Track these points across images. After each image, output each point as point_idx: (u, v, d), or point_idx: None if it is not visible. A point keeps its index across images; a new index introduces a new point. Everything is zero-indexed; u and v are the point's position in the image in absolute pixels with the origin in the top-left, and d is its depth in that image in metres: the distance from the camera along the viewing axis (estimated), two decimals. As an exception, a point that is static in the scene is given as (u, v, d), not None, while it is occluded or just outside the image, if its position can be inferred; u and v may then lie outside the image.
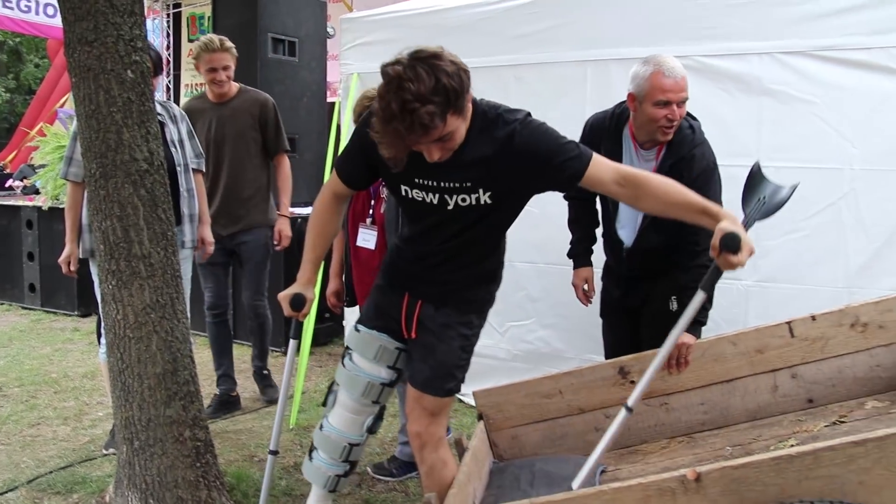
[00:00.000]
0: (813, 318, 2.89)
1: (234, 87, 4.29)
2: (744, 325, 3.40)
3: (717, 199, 2.94)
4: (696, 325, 2.89)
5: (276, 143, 4.32)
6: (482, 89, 3.87)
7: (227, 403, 4.37)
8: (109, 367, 2.91)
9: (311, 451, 2.69)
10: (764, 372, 2.90)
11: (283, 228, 4.32)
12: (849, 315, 2.87)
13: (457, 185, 2.26)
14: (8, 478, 3.45)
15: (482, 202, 2.27)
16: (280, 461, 3.61)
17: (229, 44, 4.18)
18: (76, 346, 5.52)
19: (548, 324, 4.03)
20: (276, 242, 4.34)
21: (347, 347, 2.62)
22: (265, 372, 4.57)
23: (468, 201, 2.28)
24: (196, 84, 11.10)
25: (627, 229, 3.14)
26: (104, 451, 3.65)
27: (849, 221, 3.55)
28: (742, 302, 3.73)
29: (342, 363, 2.61)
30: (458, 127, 2.13)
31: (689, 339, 2.84)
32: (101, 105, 2.69)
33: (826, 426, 2.70)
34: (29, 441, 3.89)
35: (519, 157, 2.20)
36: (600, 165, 2.23)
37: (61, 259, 3.62)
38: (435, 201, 2.31)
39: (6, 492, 3.30)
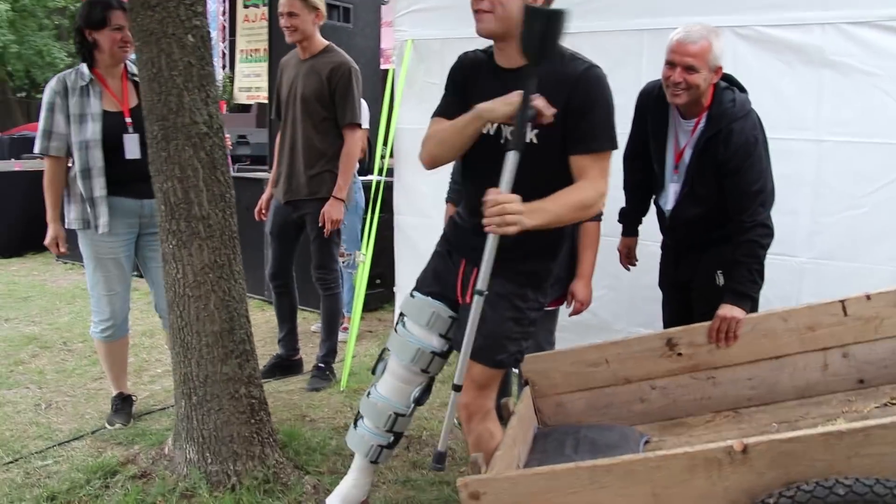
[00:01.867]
0: (868, 297, 2.84)
1: (320, 44, 4.10)
2: (797, 302, 3.36)
3: (758, 177, 2.90)
4: (745, 299, 2.88)
5: (342, 114, 4.06)
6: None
7: (284, 367, 4.39)
8: (170, 323, 3.01)
9: (356, 420, 2.74)
10: (814, 350, 2.87)
11: (329, 211, 4.03)
12: None
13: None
14: (74, 427, 3.62)
15: (528, 139, 2.27)
16: (330, 421, 3.72)
17: None
18: (135, 305, 5.60)
19: (596, 295, 4.02)
20: (320, 224, 4.08)
21: (402, 314, 2.65)
22: (321, 365, 4.34)
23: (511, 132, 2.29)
24: (251, 50, 11.20)
25: (668, 200, 3.13)
26: (107, 426, 3.64)
27: (910, 199, 3.47)
28: (796, 279, 3.68)
29: (395, 329, 2.65)
30: None
31: (737, 312, 2.83)
32: (162, 68, 2.76)
33: (876, 407, 2.68)
34: (93, 394, 4.06)
35: (573, 92, 2.25)
36: (603, 162, 2.31)
37: (47, 241, 3.53)
38: (492, 131, 2.34)
39: (72, 440, 3.47)
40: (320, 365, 4.34)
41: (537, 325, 3.24)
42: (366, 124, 5.10)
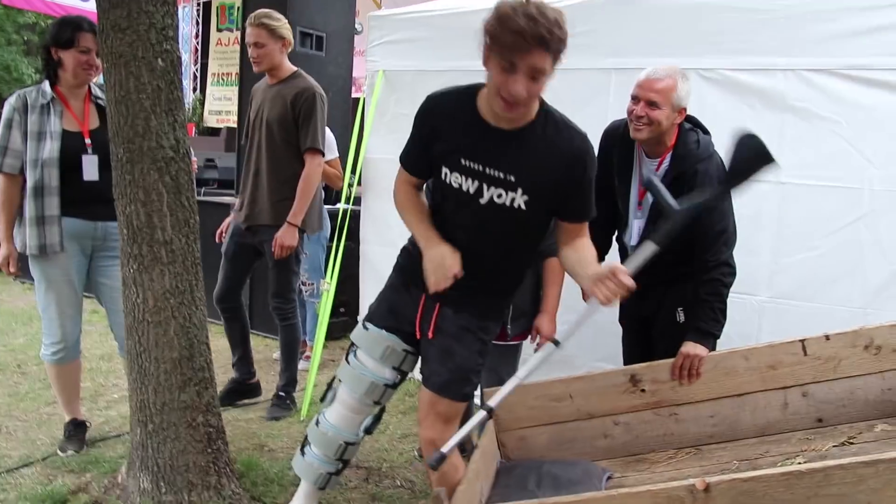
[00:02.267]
0: (827, 337, 2.89)
1: (288, 70, 4.05)
2: (756, 340, 3.40)
3: (721, 217, 2.95)
4: (708, 337, 2.91)
5: (303, 139, 3.96)
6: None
7: (241, 391, 4.32)
8: (127, 349, 2.96)
9: (303, 446, 2.72)
10: (775, 388, 2.91)
11: (282, 236, 3.92)
12: (863, 336, 2.87)
13: (500, 175, 2.27)
14: (23, 454, 3.51)
15: (515, 205, 2.29)
16: (289, 451, 3.64)
17: (270, 21, 3.92)
18: (94, 328, 5.58)
19: (558, 330, 4.04)
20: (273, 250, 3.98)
21: (353, 344, 2.64)
22: (282, 394, 4.25)
23: (503, 199, 2.29)
24: (223, 73, 11.19)
25: (632, 236, 3.16)
26: (59, 452, 3.53)
27: (867, 241, 3.55)
28: (755, 318, 3.74)
29: (346, 359, 2.64)
30: (546, 76, 2.17)
31: (700, 350, 2.86)
32: (130, 91, 2.74)
33: (835, 446, 2.70)
34: (45, 419, 3.95)
35: (569, 169, 2.28)
36: (586, 228, 2.45)
37: None
38: (472, 190, 2.30)
39: (21, 467, 3.36)
40: (280, 394, 4.26)
41: (501, 360, 3.26)
42: (332, 154, 5.05)
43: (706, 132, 3.11)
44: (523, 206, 2.29)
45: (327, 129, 4.96)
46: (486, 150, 2.26)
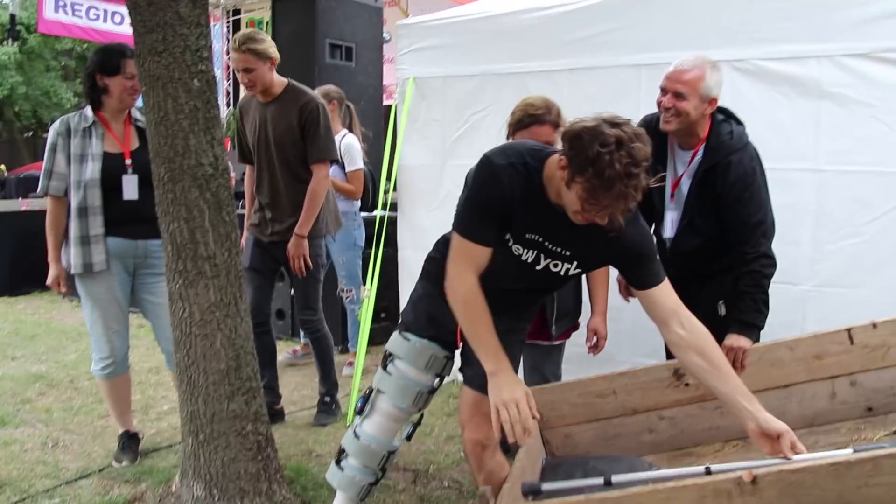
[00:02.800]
0: (874, 325, 2.84)
1: (280, 84, 3.99)
2: (801, 330, 3.37)
3: (757, 208, 2.93)
4: (751, 329, 2.89)
5: (311, 151, 3.95)
6: (536, 93, 3.94)
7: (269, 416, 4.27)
8: (176, 362, 3.03)
9: (339, 460, 2.69)
10: (822, 378, 2.86)
11: (291, 250, 3.94)
12: None
13: (559, 249, 2.30)
14: (81, 466, 3.61)
15: (569, 273, 2.35)
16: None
17: (255, 44, 3.84)
18: (141, 343, 5.69)
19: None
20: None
21: (390, 354, 2.62)
22: (327, 399, 4.27)
23: (559, 268, 2.34)
24: (255, 88, 11.33)
25: (667, 229, 3.16)
26: (114, 464, 3.62)
27: (910, 226, 3.50)
28: (800, 307, 3.70)
29: (385, 369, 2.62)
30: None
31: (744, 342, 2.84)
32: (169, 112, 2.81)
33: (886, 435, 2.67)
34: (99, 432, 4.06)
35: (623, 256, 2.32)
36: (666, 290, 2.33)
37: (49, 281, 3.54)
38: (530, 259, 2.32)
39: (79, 479, 3.46)
40: (326, 399, 4.30)
41: (545, 359, 3.28)
42: (355, 165, 5.07)
43: (740, 123, 3.09)
44: (574, 272, 2.37)
45: (353, 138, 5.02)
46: (548, 227, 2.26)
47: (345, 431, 3.92)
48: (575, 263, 2.33)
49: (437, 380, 2.63)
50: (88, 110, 3.49)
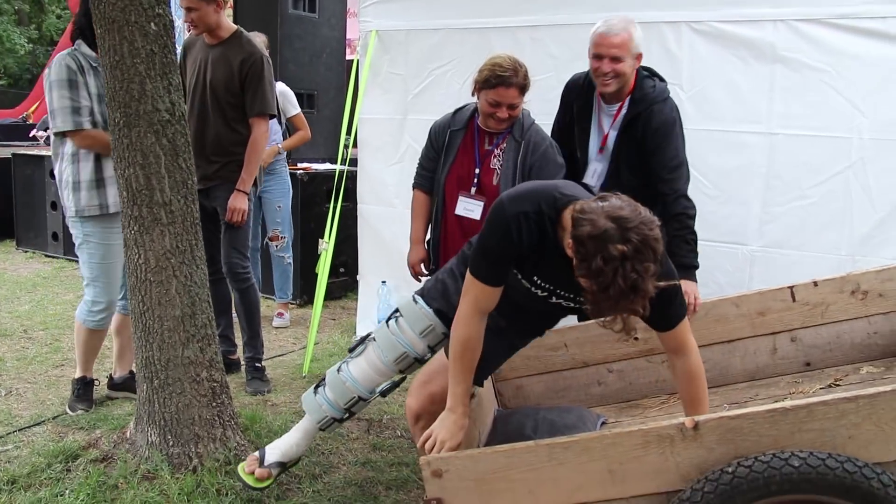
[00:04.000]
0: (815, 283, 2.94)
1: (228, 29, 3.93)
2: (747, 289, 3.47)
3: (676, 153, 3.09)
4: (692, 270, 3.04)
5: (251, 104, 3.90)
6: (498, 49, 3.93)
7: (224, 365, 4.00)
8: (131, 308, 3.03)
9: (317, 385, 2.76)
10: (764, 334, 2.97)
11: (232, 204, 3.90)
12: (850, 282, 2.92)
13: (570, 295, 2.32)
14: (35, 413, 3.61)
15: (579, 307, 2.36)
16: (292, 406, 3.76)
17: None
18: (92, 294, 5.67)
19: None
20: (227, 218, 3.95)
21: (398, 311, 2.66)
22: (258, 365, 4.11)
23: (568, 304, 2.37)
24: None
25: (593, 179, 3.26)
26: (68, 411, 3.62)
27: (855, 190, 3.61)
28: (746, 267, 3.81)
29: (387, 323, 2.66)
30: None
31: (692, 286, 2.97)
32: (125, 56, 2.77)
33: (821, 388, 2.78)
34: (54, 381, 4.05)
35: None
36: (685, 330, 2.25)
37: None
38: (540, 294, 2.36)
39: (33, 426, 3.46)
40: (256, 365, 4.12)
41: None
42: (295, 109, 5.24)
43: (663, 80, 3.23)
44: (586, 307, 2.24)
45: (283, 85, 5.06)
46: (559, 276, 2.25)
47: (300, 382, 4.01)
48: (583, 300, 2.16)
49: (430, 353, 2.64)
50: (87, 48, 3.38)
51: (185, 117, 2.95)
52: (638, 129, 3.11)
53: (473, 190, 3.24)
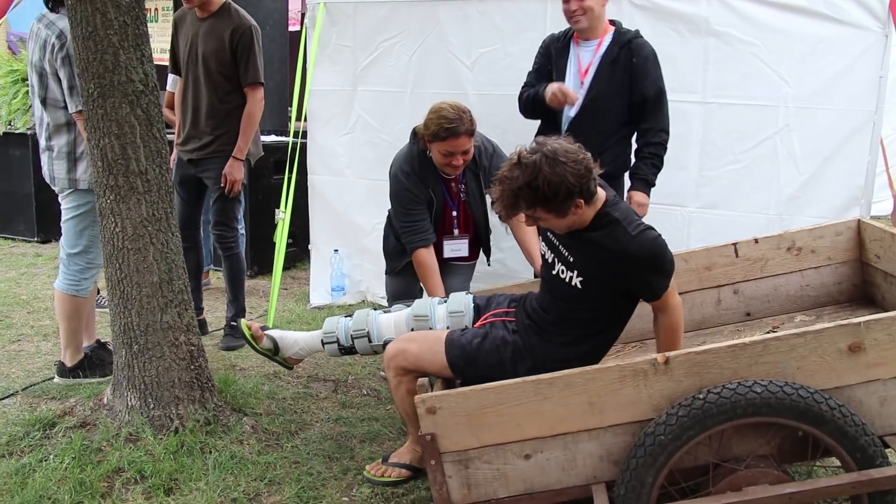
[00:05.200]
0: (756, 240, 3.21)
1: (218, 2, 4.05)
2: (686, 247, 3.73)
3: (656, 83, 3.47)
4: (650, 186, 3.48)
5: (244, 74, 4.04)
6: (446, 22, 4.07)
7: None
8: (107, 277, 3.07)
9: (345, 315, 3.02)
10: (710, 287, 3.23)
11: (230, 171, 4.06)
12: (786, 239, 3.20)
13: (565, 253, 2.54)
14: (1, 386, 3.61)
15: (573, 283, 2.51)
16: (260, 370, 3.86)
17: None
18: (41, 271, 5.58)
19: (507, 246, 4.31)
20: (222, 185, 4.10)
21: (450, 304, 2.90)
22: (234, 324, 4.22)
23: (564, 275, 2.53)
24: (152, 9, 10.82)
25: (573, 110, 3.52)
26: (56, 380, 3.65)
27: (782, 154, 3.93)
28: (685, 227, 4.10)
29: (438, 303, 2.92)
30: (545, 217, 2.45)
31: (645, 199, 3.41)
32: (98, 27, 2.80)
33: (761, 335, 3.06)
34: (14, 355, 4.03)
35: (619, 264, 2.43)
36: (668, 295, 2.49)
37: None
38: (549, 259, 2.63)
39: (3, 398, 3.46)
40: (232, 324, 4.27)
41: (456, 278, 3.54)
42: None
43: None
44: (579, 286, 2.49)
45: None
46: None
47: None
48: (576, 272, 2.49)
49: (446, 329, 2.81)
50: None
51: (157, 88, 3.00)
52: (628, 57, 3.43)
53: (456, 231, 3.47)
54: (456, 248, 3.51)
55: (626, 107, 3.47)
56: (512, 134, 4.21)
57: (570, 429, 2.26)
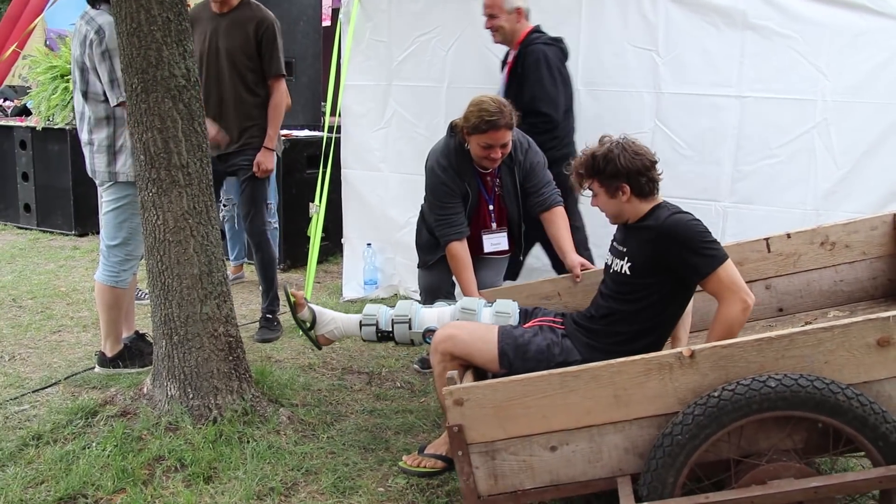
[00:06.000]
0: (788, 235, 3.19)
1: None
2: (720, 242, 3.72)
3: (543, 86, 3.73)
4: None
5: (269, 66, 4.14)
6: (481, 19, 4.10)
7: None
8: (149, 269, 3.15)
9: (392, 307, 3.11)
10: (743, 282, 3.22)
11: (262, 160, 4.16)
12: (819, 234, 3.18)
13: (620, 248, 2.70)
14: (44, 375, 3.71)
15: (623, 271, 2.65)
16: (295, 361, 3.93)
17: None
18: (79, 263, 5.72)
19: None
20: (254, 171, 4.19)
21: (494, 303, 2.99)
22: (269, 316, 4.36)
23: (617, 266, 2.68)
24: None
25: None
26: (97, 370, 3.72)
27: (819, 149, 3.89)
28: (720, 222, 4.08)
29: (485, 305, 2.97)
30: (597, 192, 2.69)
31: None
32: (142, 23, 2.87)
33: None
34: (55, 345, 4.14)
35: (661, 241, 2.56)
36: (730, 270, 2.54)
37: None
38: (609, 263, 2.76)
39: (46, 387, 3.56)
40: (267, 316, 4.37)
41: (489, 271, 3.57)
42: None
43: (556, 40, 3.87)
44: (628, 272, 2.63)
45: None
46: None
47: (299, 340, 4.16)
48: (626, 259, 2.65)
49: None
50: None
51: (199, 83, 3.06)
52: (518, 65, 3.78)
53: (494, 225, 3.50)
54: (496, 241, 3.53)
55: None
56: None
57: (596, 421, 2.27)
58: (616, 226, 2.79)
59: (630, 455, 2.29)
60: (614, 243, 2.77)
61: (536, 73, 3.72)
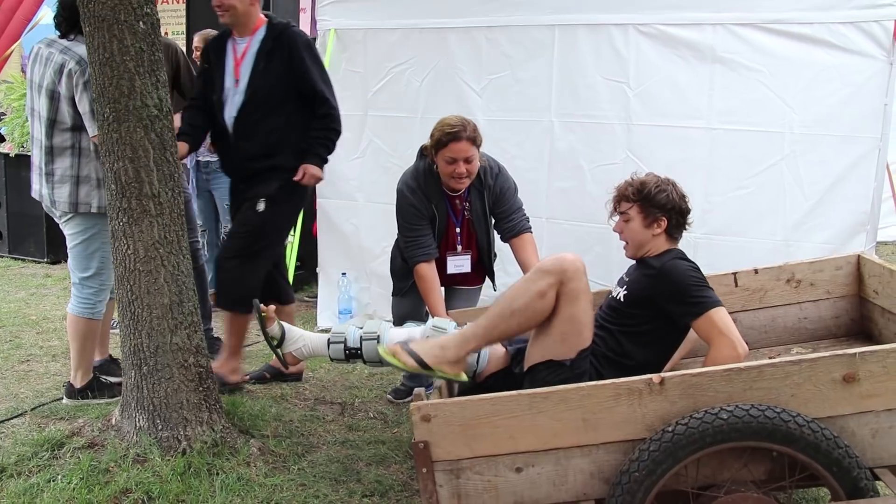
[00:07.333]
0: (756, 271, 3.24)
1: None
2: (692, 272, 3.77)
3: (322, 70, 3.73)
4: (323, 161, 3.75)
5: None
6: (456, 48, 4.14)
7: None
8: (118, 299, 3.12)
9: (359, 326, 3.06)
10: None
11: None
12: (786, 271, 3.23)
13: (626, 278, 2.82)
14: (10, 406, 3.65)
15: (618, 297, 2.76)
16: (267, 391, 3.89)
17: None
18: (50, 291, 5.65)
19: (512, 270, 4.33)
20: None
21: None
22: (210, 334, 4.30)
23: (616, 293, 2.80)
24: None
25: (231, 111, 3.68)
26: (65, 401, 3.67)
27: (788, 181, 3.96)
28: (691, 252, 4.01)
29: (455, 326, 2.95)
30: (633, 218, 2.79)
31: (318, 171, 3.71)
32: (114, 54, 2.88)
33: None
34: (23, 375, 4.08)
35: (649, 279, 2.69)
36: (721, 315, 2.57)
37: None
38: (614, 295, 2.84)
39: (12, 418, 3.50)
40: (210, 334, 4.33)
41: (462, 302, 3.58)
42: None
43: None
44: (622, 300, 2.73)
45: None
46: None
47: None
48: (624, 287, 2.77)
49: None
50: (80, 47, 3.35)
51: (171, 112, 3.07)
52: (284, 49, 3.59)
53: (459, 248, 3.53)
54: (459, 263, 3.55)
55: (294, 97, 3.63)
56: (521, 159, 4.30)
57: (563, 444, 2.27)
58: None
59: (595, 480, 2.30)
60: (623, 275, 2.87)
61: (311, 54, 3.68)
